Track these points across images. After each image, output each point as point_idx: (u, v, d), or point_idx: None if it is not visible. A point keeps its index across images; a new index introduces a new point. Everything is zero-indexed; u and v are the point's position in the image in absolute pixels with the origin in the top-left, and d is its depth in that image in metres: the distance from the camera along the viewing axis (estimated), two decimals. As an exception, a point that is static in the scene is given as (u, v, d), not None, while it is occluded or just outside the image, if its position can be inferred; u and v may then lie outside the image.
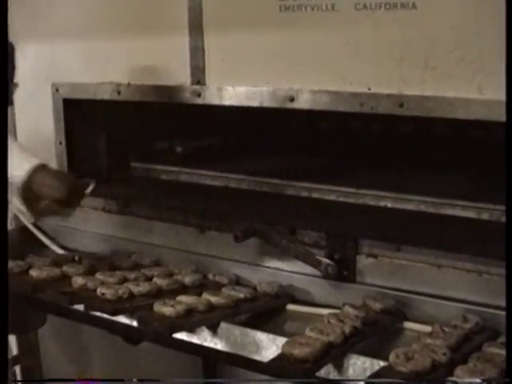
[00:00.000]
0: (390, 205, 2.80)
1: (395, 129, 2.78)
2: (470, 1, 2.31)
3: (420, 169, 2.83)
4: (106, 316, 2.64)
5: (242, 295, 2.69)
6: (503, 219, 2.46)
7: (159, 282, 2.79)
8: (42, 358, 3.72)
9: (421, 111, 2.44)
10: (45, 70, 3.34)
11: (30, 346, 3.67)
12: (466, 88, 2.36)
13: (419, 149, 2.85)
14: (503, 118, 2.26)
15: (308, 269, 2.76)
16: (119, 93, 3.07)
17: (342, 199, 2.87)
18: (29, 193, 2.65)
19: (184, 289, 2.81)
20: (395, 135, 2.84)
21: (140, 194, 3.28)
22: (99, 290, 2.68)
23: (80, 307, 2.66)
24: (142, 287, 2.74)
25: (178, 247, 3.09)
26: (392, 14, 2.45)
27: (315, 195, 2.95)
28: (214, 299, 2.62)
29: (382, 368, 2.17)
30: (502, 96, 2.25)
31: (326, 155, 3.07)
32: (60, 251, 3.28)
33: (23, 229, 3.43)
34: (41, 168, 2.67)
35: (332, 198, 2.91)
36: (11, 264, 2.85)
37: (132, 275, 2.87)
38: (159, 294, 2.74)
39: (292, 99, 2.68)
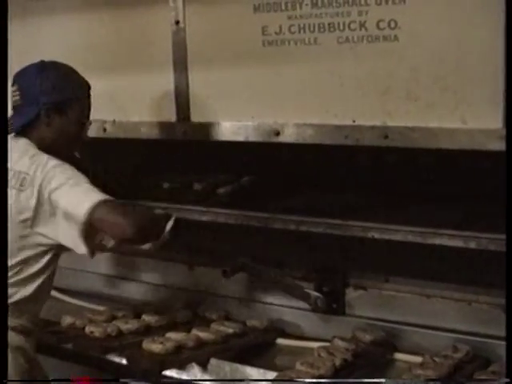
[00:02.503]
0: (377, 236, 2.79)
1: (380, 160, 2.78)
2: (451, 32, 2.33)
3: (406, 199, 2.83)
4: (95, 355, 2.62)
5: (231, 330, 2.68)
6: (490, 247, 2.46)
7: (148, 318, 2.78)
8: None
9: (405, 142, 2.45)
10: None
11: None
12: (449, 118, 2.37)
13: (405, 179, 2.85)
14: (487, 147, 2.28)
15: (297, 302, 2.75)
16: (105, 130, 3.08)
17: (329, 231, 2.86)
18: (91, 230, 2.48)
19: (173, 325, 2.80)
20: (380, 166, 2.84)
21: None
22: (87, 329, 2.67)
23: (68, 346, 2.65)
24: (131, 324, 2.73)
25: (167, 284, 3.08)
26: (374, 47, 2.46)
27: (303, 228, 2.94)
28: (203, 335, 2.62)
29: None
30: (484, 125, 2.28)
31: (313, 188, 3.07)
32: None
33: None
34: (103, 205, 2.45)
35: (319, 230, 2.90)
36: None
37: (120, 313, 2.86)
38: (148, 331, 2.73)
39: (277, 133, 2.68)
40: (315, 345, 2.54)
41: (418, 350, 2.51)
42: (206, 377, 2.53)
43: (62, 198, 2.46)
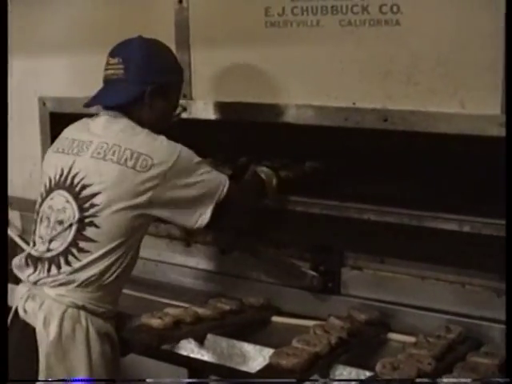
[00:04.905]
0: (373, 217, 2.82)
1: (378, 142, 2.82)
2: (453, 18, 2.37)
3: (403, 182, 2.87)
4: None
5: (228, 307, 2.72)
6: (484, 231, 2.51)
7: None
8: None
9: (404, 125, 2.49)
10: (32, 84, 3.37)
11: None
12: (448, 103, 2.41)
13: (402, 162, 2.88)
14: (485, 133, 2.32)
15: (293, 281, 2.79)
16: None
17: (325, 212, 2.90)
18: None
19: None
20: (378, 149, 2.87)
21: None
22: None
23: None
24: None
25: (164, 260, 3.12)
26: (376, 31, 2.50)
27: (299, 208, 2.98)
28: (200, 311, 2.65)
29: (369, 377, 2.21)
30: (483, 110, 2.32)
31: (310, 168, 3.10)
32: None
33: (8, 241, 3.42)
34: (233, 185, 2.57)
35: (316, 211, 2.93)
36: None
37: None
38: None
39: (278, 114, 2.71)
40: (311, 323, 2.57)
41: (411, 330, 2.55)
42: (203, 352, 2.58)
43: (199, 183, 2.47)
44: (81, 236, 2.45)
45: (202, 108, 2.89)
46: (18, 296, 2.56)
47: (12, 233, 3.47)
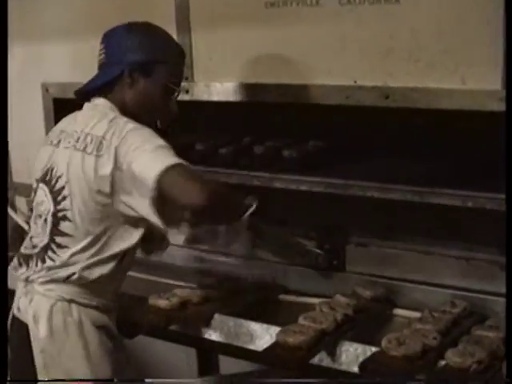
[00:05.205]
0: (376, 195, 2.83)
1: (380, 120, 2.82)
2: (452, -6, 2.37)
3: (405, 158, 2.88)
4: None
5: (235, 287, 2.74)
6: (487, 206, 2.52)
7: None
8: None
9: (406, 102, 2.49)
10: (34, 70, 3.38)
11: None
12: (449, 79, 2.42)
13: (404, 139, 2.89)
14: (485, 108, 2.33)
15: (299, 259, 2.81)
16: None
17: (329, 190, 2.91)
18: (162, 199, 2.21)
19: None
20: (380, 126, 2.88)
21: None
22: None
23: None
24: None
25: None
26: (376, 8, 2.50)
27: (303, 187, 2.99)
28: (207, 291, 2.67)
29: (375, 353, 2.23)
30: (484, 86, 2.33)
31: (314, 147, 3.11)
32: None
33: (16, 227, 3.45)
34: (172, 169, 2.20)
35: (320, 189, 2.94)
36: None
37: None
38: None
39: (280, 93, 2.72)
40: (317, 301, 2.60)
41: (416, 305, 2.58)
42: (211, 332, 2.60)
43: (134, 163, 2.23)
44: (57, 231, 2.40)
45: (203, 90, 2.90)
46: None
47: (19, 219, 3.50)
